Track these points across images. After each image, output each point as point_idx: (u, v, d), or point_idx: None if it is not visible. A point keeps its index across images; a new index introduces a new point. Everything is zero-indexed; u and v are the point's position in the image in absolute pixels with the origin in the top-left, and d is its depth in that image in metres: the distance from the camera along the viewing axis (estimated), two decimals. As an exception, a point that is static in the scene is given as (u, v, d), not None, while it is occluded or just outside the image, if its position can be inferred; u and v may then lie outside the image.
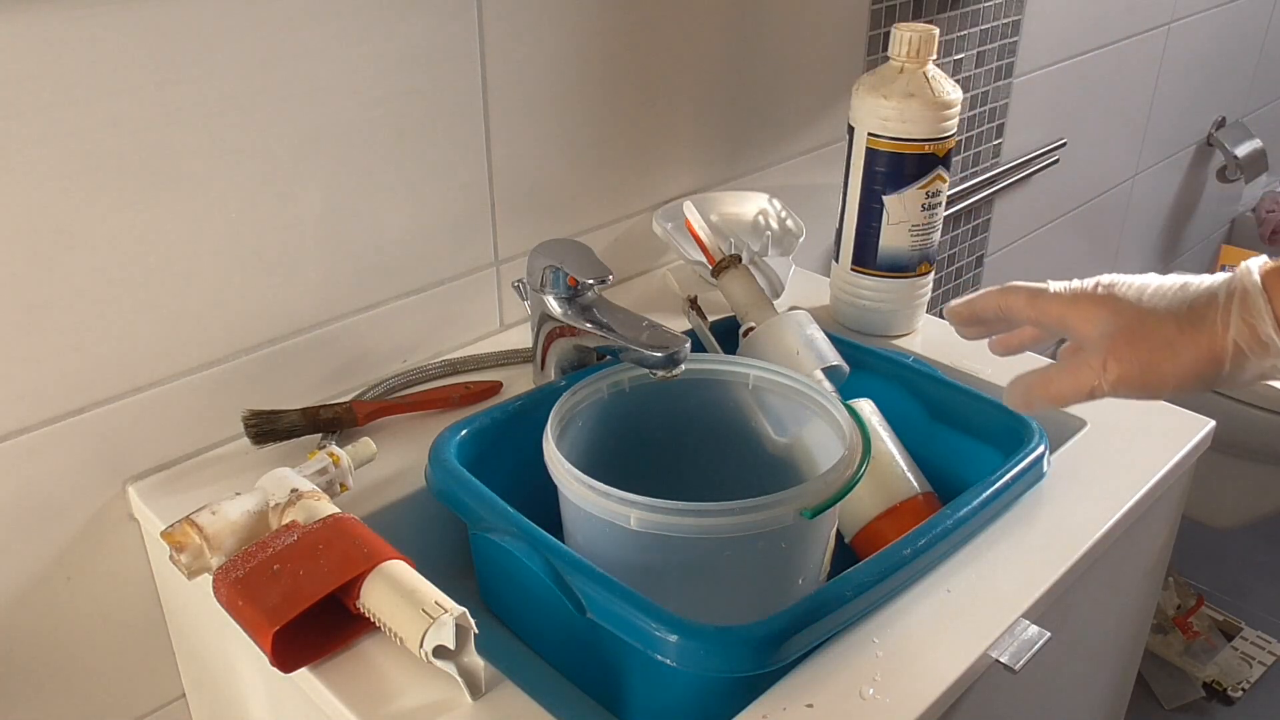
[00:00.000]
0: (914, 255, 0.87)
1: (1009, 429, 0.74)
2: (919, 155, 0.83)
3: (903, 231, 0.86)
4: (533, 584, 0.61)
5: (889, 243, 0.87)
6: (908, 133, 0.83)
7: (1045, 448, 0.71)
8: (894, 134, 0.83)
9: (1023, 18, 1.40)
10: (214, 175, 0.71)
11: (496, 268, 0.92)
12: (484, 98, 0.84)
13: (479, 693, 0.57)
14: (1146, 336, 0.51)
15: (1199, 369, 0.50)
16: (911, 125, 0.82)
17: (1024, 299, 0.55)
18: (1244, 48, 2.03)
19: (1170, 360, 0.50)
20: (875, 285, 0.89)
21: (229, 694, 0.75)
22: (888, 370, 0.83)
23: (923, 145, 0.83)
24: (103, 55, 0.64)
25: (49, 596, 0.73)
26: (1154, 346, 0.50)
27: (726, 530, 0.59)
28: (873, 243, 0.88)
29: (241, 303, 0.76)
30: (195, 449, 0.77)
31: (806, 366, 0.77)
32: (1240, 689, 1.63)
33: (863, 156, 0.86)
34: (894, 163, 0.84)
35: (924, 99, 0.82)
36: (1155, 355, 0.50)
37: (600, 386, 0.73)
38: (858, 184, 0.87)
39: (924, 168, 0.84)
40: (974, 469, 0.76)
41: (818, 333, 0.80)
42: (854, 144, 0.86)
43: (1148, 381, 0.51)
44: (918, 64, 0.83)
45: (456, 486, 0.66)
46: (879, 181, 0.85)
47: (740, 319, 0.83)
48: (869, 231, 0.88)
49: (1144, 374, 0.51)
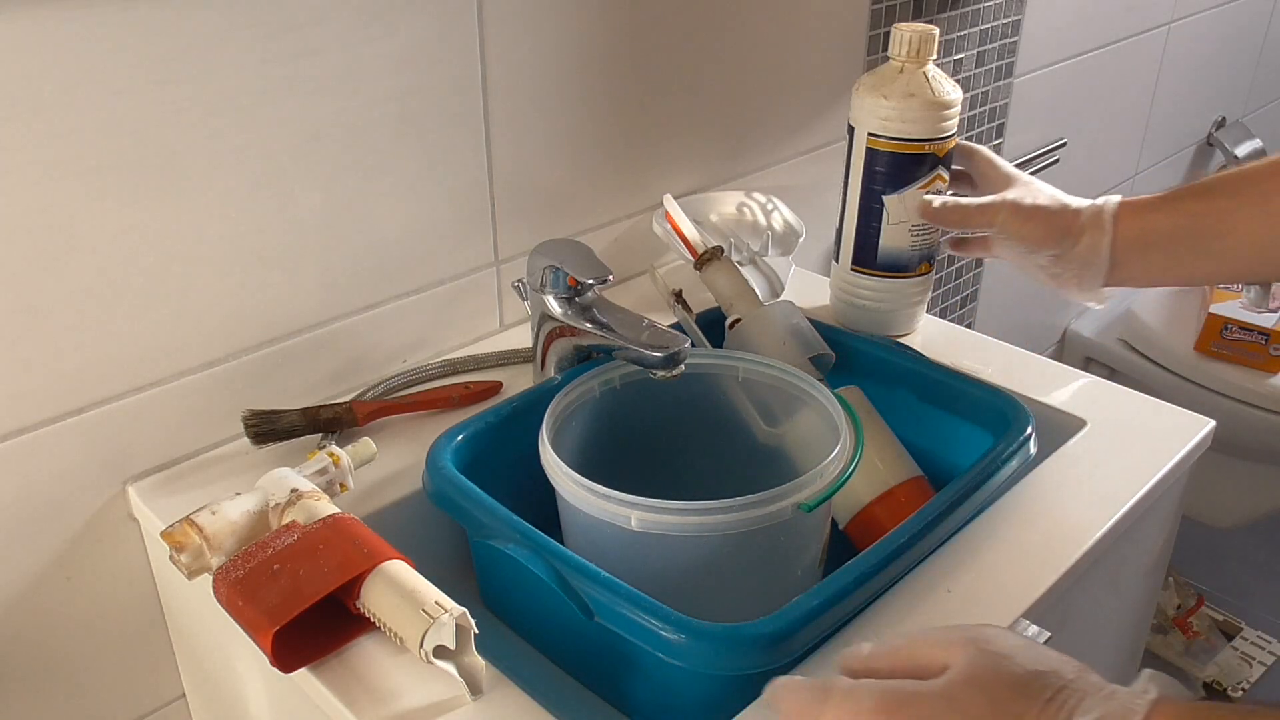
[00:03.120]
0: (914, 255, 0.87)
1: (996, 411, 0.75)
2: (919, 155, 0.83)
3: (903, 231, 0.86)
4: (536, 587, 0.61)
5: (889, 243, 0.87)
6: (907, 133, 0.83)
7: (1033, 428, 0.72)
8: (894, 134, 0.83)
9: (1023, 18, 1.40)
10: (214, 175, 0.71)
11: (496, 268, 0.92)
12: (484, 98, 0.84)
13: (479, 693, 0.57)
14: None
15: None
16: (911, 125, 0.82)
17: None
18: (1244, 48, 2.03)
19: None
20: (875, 285, 0.89)
21: (229, 694, 0.75)
22: (873, 356, 0.84)
23: (923, 145, 0.83)
24: (102, 55, 0.64)
25: (49, 596, 0.73)
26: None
27: (726, 528, 0.60)
28: (873, 243, 0.87)
29: (241, 303, 0.76)
30: (195, 449, 0.77)
31: (794, 356, 0.77)
32: (1240, 689, 1.63)
33: (863, 156, 0.85)
34: (894, 163, 0.84)
35: (924, 99, 0.82)
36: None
37: (592, 385, 0.73)
38: (858, 184, 0.87)
39: (924, 168, 0.84)
40: (963, 452, 0.77)
41: (803, 322, 0.81)
42: (854, 144, 0.86)
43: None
44: (918, 64, 0.83)
45: (455, 493, 0.66)
46: (879, 181, 0.85)
47: (725, 311, 0.83)
48: (869, 231, 0.87)
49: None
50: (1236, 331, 1.67)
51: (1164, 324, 1.80)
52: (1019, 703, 0.41)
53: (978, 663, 0.43)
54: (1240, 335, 1.67)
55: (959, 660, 0.43)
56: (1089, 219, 0.75)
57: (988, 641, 0.44)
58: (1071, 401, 0.82)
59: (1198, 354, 1.72)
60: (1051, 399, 0.82)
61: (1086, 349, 1.87)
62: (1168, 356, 1.75)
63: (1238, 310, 1.69)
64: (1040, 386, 0.83)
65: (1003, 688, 0.42)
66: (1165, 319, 1.81)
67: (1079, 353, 1.89)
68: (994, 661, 0.43)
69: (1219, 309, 1.69)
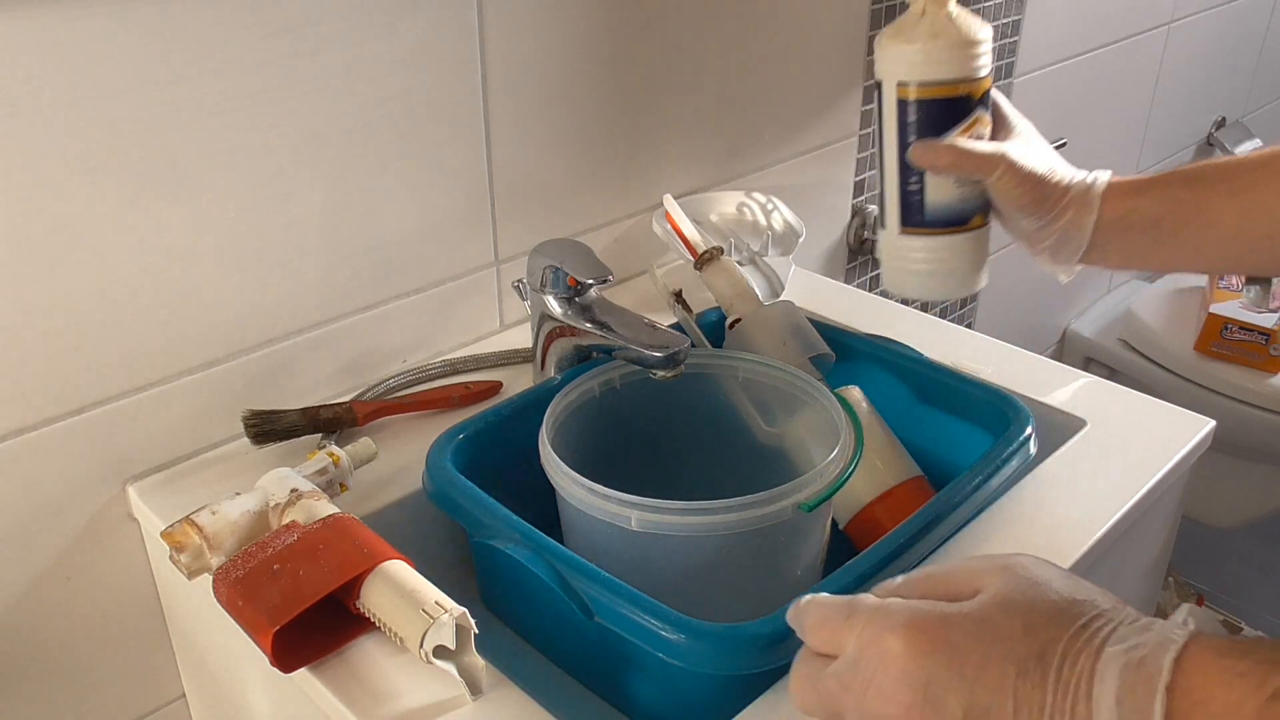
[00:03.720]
0: (965, 206, 0.78)
1: (996, 411, 0.75)
2: (953, 99, 0.75)
3: (948, 183, 0.77)
4: (536, 587, 0.61)
5: (935, 196, 0.77)
6: (938, 75, 0.74)
7: (1033, 427, 0.72)
8: (923, 78, 0.75)
9: (1023, 18, 1.40)
10: (214, 175, 0.71)
11: (496, 268, 0.92)
12: (484, 98, 0.84)
13: (479, 693, 0.57)
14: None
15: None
16: (941, 66, 0.74)
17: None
18: (1244, 48, 2.03)
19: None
20: (931, 244, 0.79)
21: (229, 694, 0.75)
22: (874, 355, 0.84)
23: (956, 87, 0.75)
24: (103, 55, 0.64)
25: (49, 596, 0.73)
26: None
27: (727, 528, 0.60)
28: (918, 201, 0.78)
29: (242, 303, 0.76)
30: (195, 449, 0.77)
31: (794, 356, 0.77)
32: (1240, 689, 1.63)
33: (895, 110, 0.76)
34: (928, 110, 0.75)
35: (951, 38, 0.74)
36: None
37: (592, 385, 0.73)
38: (893, 141, 0.77)
39: (961, 111, 0.76)
40: (963, 452, 0.77)
41: (803, 322, 0.80)
42: (883, 99, 0.77)
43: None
44: (939, 4, 0.75)
45: (455, 493, 0.66)
46: (913, 133, 0.76)
47: (726, 311, 0.83)
48: (912, 189, 0.78)
49: None
50: (1236, 331, 1.67)
51: (1164, 324, 1.80)
52: (1052, 628, 0.40)
53: (1013, 586, 0.42)
54: (1240, 335, 1.67)
55: (994, 584, 0.43)
56: (1077, 195, 0.74)
57: (1024, 568, 0.43)
58: (1071, 401, 0.82)
59: (1198, 354, 1.72)
60: (1051, 399, 0.82)
61: (1086, 349, 1.87)
62: (1168, 356, 1.75)
63: (1238, 310, 1.69)
64: (1040, 386, 0.83)
65: (1037, 613, 0.41)
66: (1165, 319, 1.81)
67: (1079, 353, 1.89)
68: (1029, 587, 0.42)
69: (1219, 309, 1.69)
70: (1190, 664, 0.37)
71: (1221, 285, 1.75)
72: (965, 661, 0.40)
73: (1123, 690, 0.37)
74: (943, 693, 0.40)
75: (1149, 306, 1.85)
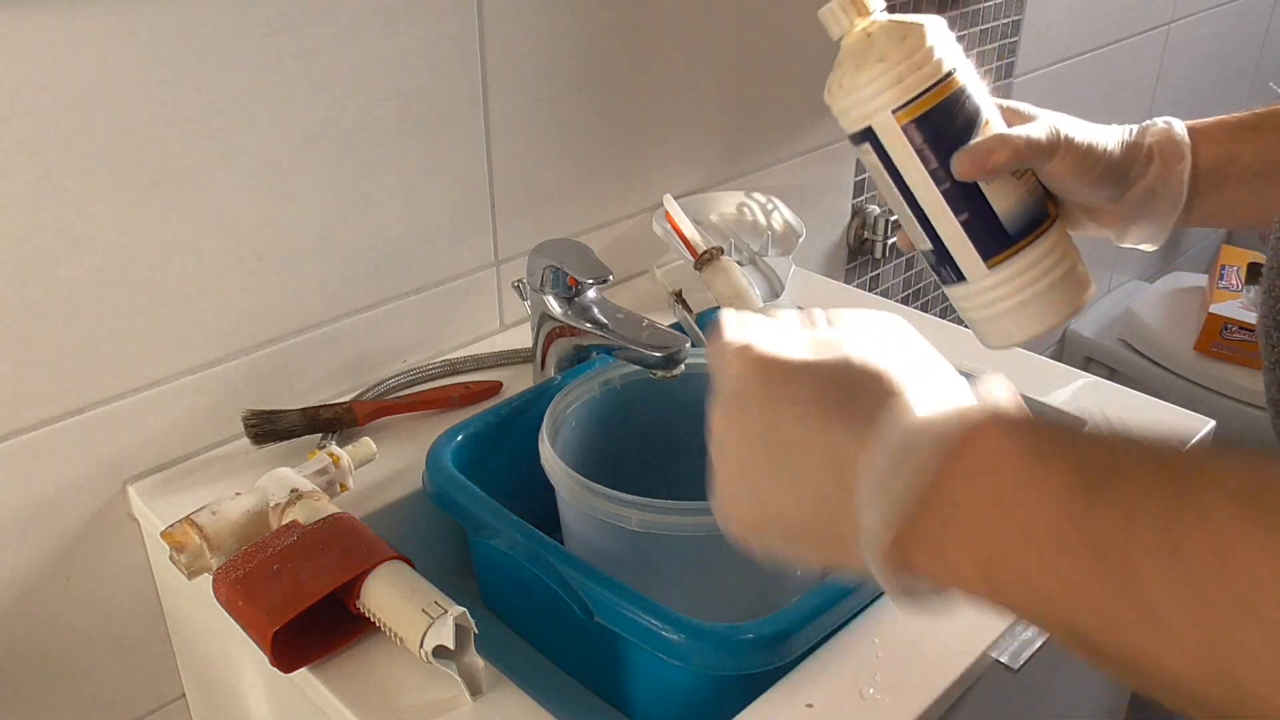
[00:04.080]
0: (1035, 198, 0.67)
1: None
2: (956, 94, 0.66)
3: (1006, 184, 0.66)
4: (536, 586, 0.61)
5: (1004, 204, 0.66)
6: (935, 75, 0.65)
7: None
8: (921, 88, 0.65)
9: (1023, 18, 1.40)
10: (214, 175, 0.71)
11: (496, 268, 0.92)
12: (484, 98, 0.84)
13: (479, 693, 0.57)
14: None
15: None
16: (929, 67, 0.65)
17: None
18: (1244, 48, 2.03)
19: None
20: (1030, 259, 0.66)
21: (229, 694, 0.75)
22: None
23: (951, 80, 0.65)
24: (103, 55, 0.64)
25: (49, 596, 0.73)
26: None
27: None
28: (989, 220, 0.66)
29: (241, 303, 0.76)
30: (195, 449, 0.77)
31: None
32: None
33: (904, 143, 0.65)
34: (939, 119, 0.65)
35: (915, 36, 0.65)
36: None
37: (592, 385, 0.73)
38: (922, 177, 0.66)
39: (970, 103, 0.67)
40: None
41: None
42: (881, 143, 0.66)
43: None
44: (867, 16, 0.67)
45: (455, 493, 0.66)
46: (943, 149, 0.65)
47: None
48: (974, 214, 0.66)
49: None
50: (1236, 331, 1.67)
51: (1164, 324, 1.80)
52: (869, 394, 0.41)
53: (863, 352, 0.44)
54: (1240, 335, 1.67)
55: (852, 346, 0.44)
56: (1158, 144, 0.62)
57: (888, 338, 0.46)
58: (1071, 401, 0.82)
59: (1198, 354, 1.72)
60: (1051, 399, 0.82)
61: (1086, 349, 1.87)
62: (1168, 356, 1.75)
63: (1238, 310, 1.69)
64: (1040, 386, 0.83)
65: (864, 377, 0.42)
66: (1165, 319, 1.81)
67: (1079, 353, 1.88)
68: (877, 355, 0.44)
69: (1219, 309, 1.69)
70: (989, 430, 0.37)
71: (1221, 285, 1.75)
72: (782, 394, 0.43)
73: (907, 437, 0.37)
74: (749, 407, 0.44)
75: (1149, 306, 1.84)
